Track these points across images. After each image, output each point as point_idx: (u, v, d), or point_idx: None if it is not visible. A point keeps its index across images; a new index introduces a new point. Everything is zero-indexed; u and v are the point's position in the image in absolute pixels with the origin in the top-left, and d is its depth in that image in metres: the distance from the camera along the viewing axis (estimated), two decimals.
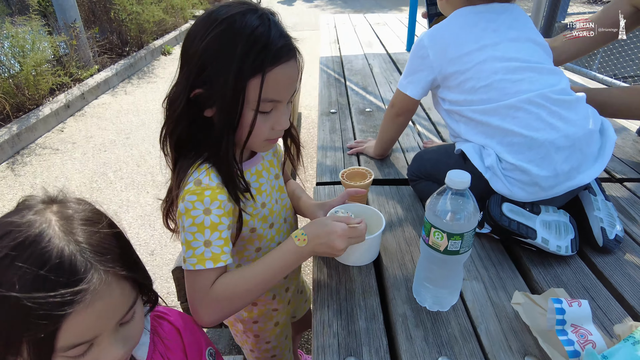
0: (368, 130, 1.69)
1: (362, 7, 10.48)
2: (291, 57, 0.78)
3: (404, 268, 0.97)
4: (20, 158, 3.45)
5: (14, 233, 0.50)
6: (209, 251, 0.75)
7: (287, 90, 0.80)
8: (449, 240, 0.75)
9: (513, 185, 0.98)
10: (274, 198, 0.97)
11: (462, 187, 0.73)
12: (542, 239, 0.96)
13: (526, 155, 0.96)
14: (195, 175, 0.78)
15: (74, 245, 0.52)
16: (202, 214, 0.75)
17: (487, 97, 1.01)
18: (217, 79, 0.74)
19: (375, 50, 3.00)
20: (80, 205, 0.59)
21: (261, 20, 0.75)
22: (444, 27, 1.10)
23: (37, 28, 4.15)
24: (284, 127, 0.83)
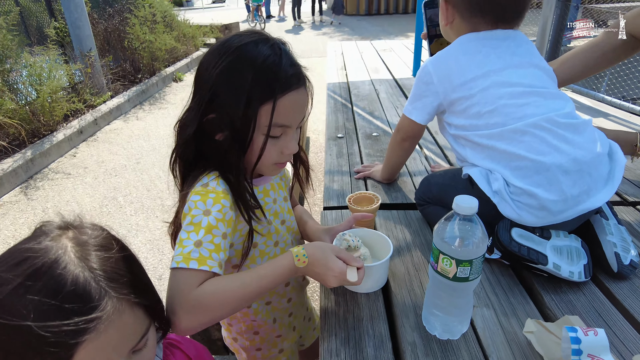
0: (375, 154, 1.70)
1: (369, 34, 10.69)
2: (301, 85, 0.80)
3: (412, 294, 0.95)
4: (34, 182, 3.51)
5: (30, 260, 0.51)
6: (197, 251, 0.71)
7: (297, 116, 0.82)
8: (458, 267, 0.74)
9: (521, 210, 0.97)
10: (280, 219, 0.98)
11: (470, 213, 0.72)
12: (553, 264, 0.94)
13: (534, 180, 0.96)
14: (204, 180, 0.80)
15: (88, 272, 0.52)
16: (201, 214, 0.75)
17: (493, 121, 1.01)
18: (230, 105, 0.76)
19: (382, 76, 3.04)
20: (96, 231, 0.59)
21: (272, 50, 0.77)
22: (448, 54, 1.11)
23: (54, 57, 4.29)
24: (292, 152, 0.84)
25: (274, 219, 0.95)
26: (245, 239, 0.88)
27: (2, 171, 3.32)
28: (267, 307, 1.03)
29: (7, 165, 3.40)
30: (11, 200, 3.25)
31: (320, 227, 1.05)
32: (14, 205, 3.17)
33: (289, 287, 1.05)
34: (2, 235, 2.78)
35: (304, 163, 1.01)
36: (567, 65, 1.41)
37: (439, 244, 0.76)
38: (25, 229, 2.82)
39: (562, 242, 0.99)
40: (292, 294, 1.07)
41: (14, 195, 3.31)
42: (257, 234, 0.90)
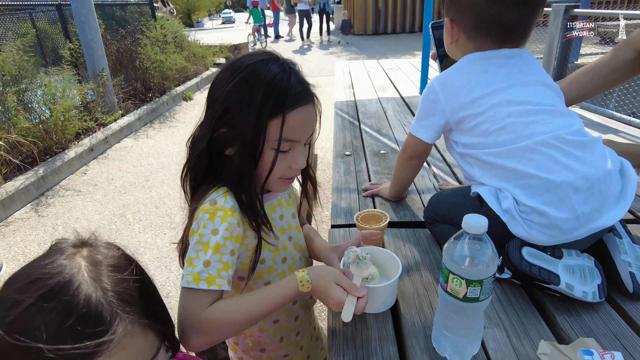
0: (383, 171, 1.70)
1: (377, 52, 10.82)
2: (309, 101, 0.83)
3: (422, 315, 0.94)
4: (45, 199, 3.55)
5: (44, 279, 0.50)
6: (206, 271, 0.73)
7: (305, 131, 0.84)
8: (468, 287, 0.73)
9: (532, 229, 0.96)
10: (288, 235, 0.98)
11: (479, 232, 0.72)
12: (566, 284, 0.92)
13: (544, 198, 0.95)
14: (212, 196, 0.81)
15: (101, 292, 0.52)
16: (210, 234, 0.76)
17: (501, 139, 1.01)
18: (240, 119, 0.79)
19: (389, 94, 3.06)
20: (111, 250, 0.59)
21: (282, 68, 0.80)
22: (454, 73, 1.11)
23: (68, 77, 4.40)
24: (300, 167, 0.86)
25: (281, 235, 0.96)
26: (252, 252, 0.88)
27: (14, 188, 3.37)
28: (275, 326, 1.02)
29: (20, 182, 3.46)
30: (22, 217, 3.29)
31: (328, 245, 1.05)
32: (25, 222, 3.20)
33: (296, 306, 1.04)
34: (12, 252, 2.81)
35: (312, 180, 1.02)
36: (576, 83, 1.41)
37: (449, 263, 0.75)
38: (35, 246, 2.85)
39: (574, 262, 0.97)
40: (299, 312, 1.06)
41: (25, 212, 3.35)
42: (265, 249, 0.90)
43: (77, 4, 4.71)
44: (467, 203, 1.09)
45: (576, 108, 3.79)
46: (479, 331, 0.81)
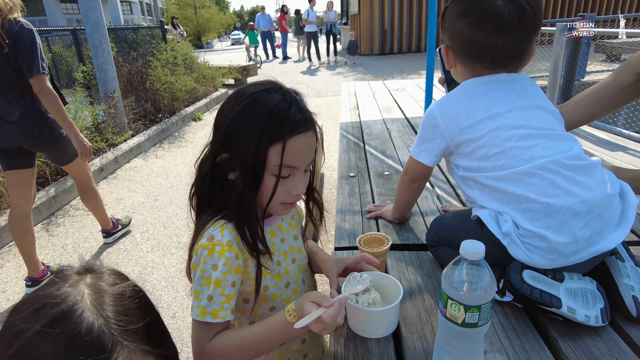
0: (387, 193, 1.72)
1: (383, 72, 10.94)
2: (309, 129, 0.85)
3: (424, 340, 0.94)
4: (55, 219, 3.61)
5: (48, 307, 0.52)
6: (210, 306, 0.81)
7: (304, 158, 0.86)
8: (467, 313, 0.74)
9: (532, 252, 0.96)
10: (291, 258, 0.99)
11: (477, 258, 0.73)
12: (568, 307, 0.92)
13: (543, 222, 0.95)
14: (210, 231, 0.85)
15: (102, 320, 0.53)
16: (210, 269, 0.81)
17: (500, 164, 1.02)
18: (241, 145, 0.82)
19: (394, 115, 3.10)
20: (114, 278, 0.61)
21: (283, 97, 0.84)
22: (452, 98, 1.13)
23: (80, 99, 4.51)
24: (299, 193, 0.89)
25: (284, 259, 0.97)
26: (254, 282, 0.91)
27: None
28: (281, 348, 1.03)
29: None
30: None
31: (330, 257, 1.06)
32: (36, 242, 3.24)
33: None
34: (22, 271, 2.84)
35: (318, 204, 1.04)
36: (578, 107, 1.43)
37: (447, 289, 0.76)
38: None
39: (576, 285, 0.97)
40: (306, 334, 1.06)
41: (35, 232, 3.39)
42: (267, 275, 0.92)
43: (91, 28, 4.87)
44: (468, 226, 1.10)
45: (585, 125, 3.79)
46: (479, 356, 0.81)
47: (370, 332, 0.95)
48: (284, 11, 15.03)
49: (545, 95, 1.14)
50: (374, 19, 15.16)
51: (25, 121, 2.24)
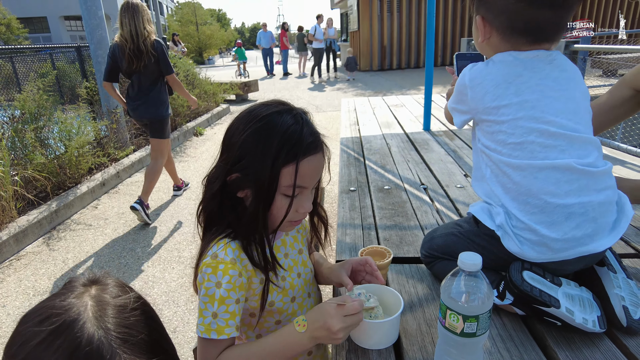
0: (387, 207, 1.74)
1: (382, 88, 11.07)
2: (319, 151, 0.89)
3: (424, 351, 0.95)
4: (56, 233, 3.62)
5: (53, 317, 0.55)
6: (215, 323, 0.82)
7: (313, 178, 0.90)
8: (465, 323, 0.76)
9: (523, 244, 0.98)
10: (296, 272, 1.01)
11: (474, 269, 0.75)
12: (566, 309, 0.93)
13: (537, 217, 0.97)
14: (214, 249, 0.87)
15: (102, 331, 0.55)
16: (214, 287, 0.83)
17: (516, 154, 1.01)
18: (254, 167, 0.85)
19: (393, 131, 3.14)
20: (118, 290, 0.63)
21: (295, 119, 0.87)
22: (486, 72, 1.05)
23: (83, 114, 4.57)
24: (306, 211, 0.92)
25: (289, 274, 0.99)
26: (259, 298, 0.93)
27: (27, 222, 3.44)
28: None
29: (33, 216, 3.54)
30: (34, 250, 3.35)
31: (335, 264, 1.08)
32: (37, 256, 3.26)
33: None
34: (22, 286, 2.85)
35: (322, 220, 1.07)
36: None
37: (446, 300, 0.78)
38: (46, 280, 2.89)
39: (573, 291, 0.99)
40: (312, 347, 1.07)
41: (37, 246, 3.41)
42: (273, 292, 0.95)
43: (95, 45, 4.95)
44: (461, 230, 1.13)
45: None
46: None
47: (372, 344, 0.96)
48: (285, 28, 15.27)
49: (582, 78, 1.09)
50: (373, 36, 15.40)
51: (151, 102, 3.51)
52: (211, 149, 6.20)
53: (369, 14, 15.14)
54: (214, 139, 6.78)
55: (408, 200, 1.80)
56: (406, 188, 1.96)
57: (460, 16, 15.50)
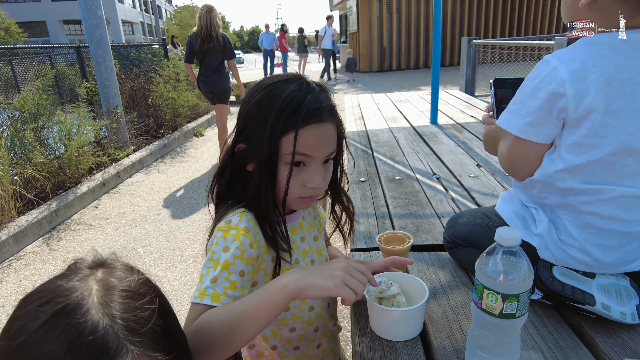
0: (400, 197, 1.69)
1: (383, 88, 11.04)
2: (324, 119, 0.82)
3: (452, 338, 0.90)
4: (56, 233, 3.56)
5: (55, 299, 0.49)
6: (212, 288, 0.72)
7: (319, 148, 0.82)
8: (504, 302, 0.70)
9: (568, 258, 0.91)
10: (310, 259, 0.96)
11: (514, 244, 0.69)
12: (602, 304, 0.88)
13: (594, 239, 0.88)
14: (229, 217, 0.82)
15: (108, 319, 0.49)
16: (221, 251, 0.76)
17: (598, 172, 0.83)
18: (255, 135, 0.81)
19: (400, 124, 3.09)
20: (128, 274, 0.56)
21: (299, 87, 0.82)
22: (592, 64, 0.77)
23: (83, 114, 4.52)
24: (315, 185, 0.84)
25: (302, 258, 0.94)
26: (270, 277, 0.86)
27: (27, 222, 3.38)
28: (296, 353, 0.98)
29: (33, 216, 3.47)
30: (34, 250, 3.28)
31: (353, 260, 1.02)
32: (36, 256, 3.19)
33: (319, 333, 1.00)
34: (22, 286, 2.78)
35: (347, 212, 0.99)
36: None
37: (483, 278, 0.72)
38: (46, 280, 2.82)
39: (608, 281, 0.93)
40: (322, 339, 1.02)
41: (36, 246, 3.35)
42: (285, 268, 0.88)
43: (95, 45, 4.90)
44: (489, 223, 1.07)
45: None
46: (516, 350, 0.77)
47: (397, 335, 0.90)
48: (284, 30, 15.25)
49: None
50: (372, 37, 15.40)
51: (219, 77, 4.62)
52: (212, 149, 6.15)
53: (368, 15, 15.14)
54: (214, 140, 6.72)
55: (421, 190, 1.75)
56: (418, 178, 1.90)
57: (460, 17, 15.51)
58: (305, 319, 0.95)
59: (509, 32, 15.74)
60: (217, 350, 0.66)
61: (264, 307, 0.66)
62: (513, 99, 0.88)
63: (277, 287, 0.67)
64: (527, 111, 0.84)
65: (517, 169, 0.92)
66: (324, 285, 0.67)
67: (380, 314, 0.90)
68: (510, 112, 0.87)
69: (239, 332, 0.66)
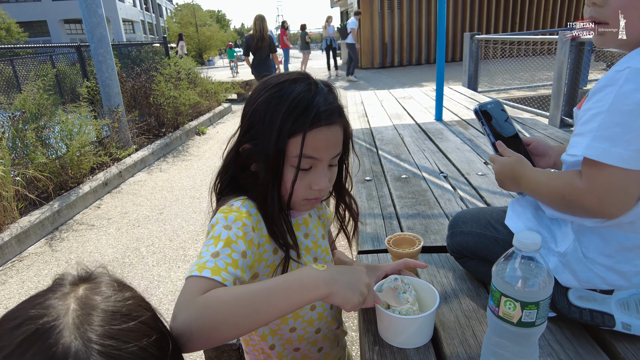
0: (407, 196, 1.65)
1: (385, 85, 10.97)
2: (333, 122, 0.80)
3: (466, 345, 0.86)
4: (59, 234, 3.54)
5: (29, 321, 0.45)
6: (213, 262, 0.66)
7: (326, 150, 0.80)
8: (523, 310, 0.67)
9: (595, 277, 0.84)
10: (313, 256, 0.93)
11: (533, 249, 0.66)
12: (622, 324, 0.84)
13: (633, 258, 0.81)
14: (231, 202, 0.81)
15: (81, 342, 0.44)
16: (222, 228, 0.73)
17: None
18: (262, 136, 0.79)
19: (404, 122, 3.06)
20: (113, 292, 0.51)
21: (308, 87, 0.79)
22: None
23: (85, 114, 4.49)
24: (321, 187, 0.82)
25: (305, 254, 0.91)
26: (272, 270, 0.83)
27: (29, 223, 3.36)
28: (296, 354, 0.95)
29: (35, 217, 3.46)
30: (36, 251, 3.27)
31: (363, 266, 0.99)
32: (39, 257, 3.18)
33: (320, 335, 0.96)
34: (25, 287, 2.76)
35: (352, 213, 0.97)
36: None
37: (500, 285, 0.69)
38: (48, 281, 2.78)
39: (627, 293, 0.88)
40: (324, 342, 0.98)
41: (39, 247, 3.33)
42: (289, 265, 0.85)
43: (96, 44, 4.87)
44: (496, 236, 1.00)
45: None
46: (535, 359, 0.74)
47: (404, 342, 0.87)
48: (285, 27, 15.19)
49: None
50: (374, 33, 15.32)
51: (266, 66, 6.16)
52: (214, 147, 6.13)
53: (369, 12, 15.06)
54: (217, 138, 6.70)
55: (429, 189, 1.71)
56: (425, 177, 1.87)
57: (462, 12, 15.41)
58: (306, 318, 0.92)
59: (512, 27, 15.63)
60: (227, 330, 0.60)
61: (289, 300, 0.62)
62: (597, 122, 0.72)
63: (308, 285, 0.63)
64: (636, 135, 0.69)
65: (616, 206, 0.74)
66: (351, 298, 0.64)
67: (388, 322, 0.87)
68: (603, 138, 0.71)
69: (255, 317, 0.61)
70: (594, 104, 0.72)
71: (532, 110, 3.97)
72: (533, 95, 5.76)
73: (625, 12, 0.75)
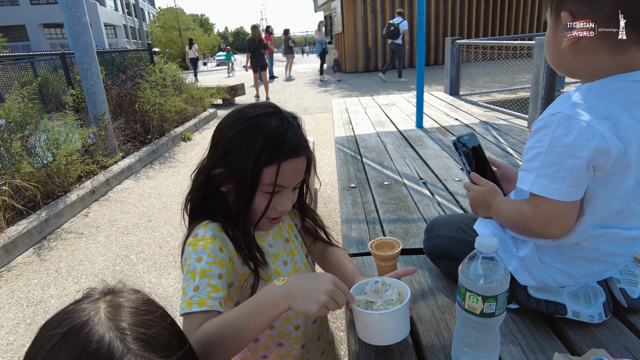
0: (389, 202, 1.77)
1: (369, 89, 11.13)
2: (301, 155, 0.91)
3: (440, 336, 0.97)
4: (47, 243, 3.55)
5: (67, 321, 0.55)
6: (197, 296, 0.79)
7: (293, 179, 0.93)
8: (484, 303, 0.78)
9: (549, 278, 0.97)
10: (282, 260, 1.02)
11: (491, 251, 0.77)
12: (572, 312, 0.97)
13: (581, 264, 0.94)
14: (196, 231, 0.90)
15: (114, 331, 0.54)
16: (195, 262, 0.83)
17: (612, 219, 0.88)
18: (238, 163, 0.88)
19: (387, 129, 3.18)
20: (134, 294, 0.62)
21: (281, 122, 0.90)
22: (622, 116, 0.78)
23: (70, 122, 4.50)
24: (285, 209, 0.94)
25: (273, 261, 1.00)
26: (242, 279, 0.94)
27: (17, 232, 3.37)
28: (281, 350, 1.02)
29: (22, 226, 3.47)
30: (25, 261, 3.28)
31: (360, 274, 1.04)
32: (28, 267, 3.19)
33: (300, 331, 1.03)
34: (15, 297, 2.79)
35: (317, 224, 1.10)
36: None
37: (465, 282, 0.80)
38: (39, 290, 2.83)
39: (576, 286, 1.01)
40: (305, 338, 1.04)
41: (27, 256, 3.35)
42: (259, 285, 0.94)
43: (81, 52, 4.89)
44: (466, 239, 1.12)
45: None
46: (497, 345, 0.85)
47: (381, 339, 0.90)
48: (269, 32, 15.26)
49: None
50: (358, 37, 15.51)
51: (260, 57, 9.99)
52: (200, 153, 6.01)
53: (353, 16, 15.25)
54: (203, 144, 6.73)
55: (409, 195, 1.83)
56: (406, 183, 1.99)
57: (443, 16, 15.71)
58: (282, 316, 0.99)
59: (492, 31, 16.01)
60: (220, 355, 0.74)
61: (259, 319, 0.75)
62: (538, 162, 0.83)
63: (269, 304, 0.75)
64: (568, 173, 0.80)
65: (557, 230, 0.87)
66: (307, 308, 0.74)
67: (361, 318, 0.89)
68: (543, 176, 0.82)
69: (236, 340, 0.75)
70: (535, 144, 0.85)
71: (512, 113, 4.14)
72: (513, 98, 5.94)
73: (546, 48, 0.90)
